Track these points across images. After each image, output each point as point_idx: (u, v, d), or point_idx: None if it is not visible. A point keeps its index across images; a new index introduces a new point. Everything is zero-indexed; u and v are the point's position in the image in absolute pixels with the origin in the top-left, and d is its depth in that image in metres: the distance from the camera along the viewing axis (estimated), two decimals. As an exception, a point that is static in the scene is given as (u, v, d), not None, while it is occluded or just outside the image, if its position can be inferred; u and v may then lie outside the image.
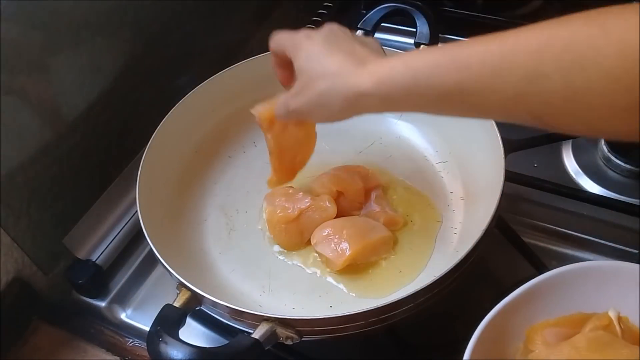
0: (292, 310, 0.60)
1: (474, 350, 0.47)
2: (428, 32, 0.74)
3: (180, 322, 0.54)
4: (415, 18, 0.75)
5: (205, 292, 0.54)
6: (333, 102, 0.47)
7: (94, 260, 0.68)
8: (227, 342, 0.54)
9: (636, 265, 0.50)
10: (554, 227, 0.68)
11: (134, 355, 0.64)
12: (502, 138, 0.60)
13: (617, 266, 0.52)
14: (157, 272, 0.70)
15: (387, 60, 0.45)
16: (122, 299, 0.68)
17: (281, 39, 0.54)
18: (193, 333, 0.63)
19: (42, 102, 0.63)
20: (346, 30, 0.52)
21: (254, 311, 0.52)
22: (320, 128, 0.76)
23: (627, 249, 0.65)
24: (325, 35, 0.51)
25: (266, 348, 0.51)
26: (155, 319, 0.53)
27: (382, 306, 0.51)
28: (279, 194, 0.67)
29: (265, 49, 0.74)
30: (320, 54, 0.49)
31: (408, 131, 0.74)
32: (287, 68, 0.56)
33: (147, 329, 0.53)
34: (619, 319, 0.49)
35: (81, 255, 0.68)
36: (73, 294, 0.69)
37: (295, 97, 0.51)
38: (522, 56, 0.38)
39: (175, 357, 0.49)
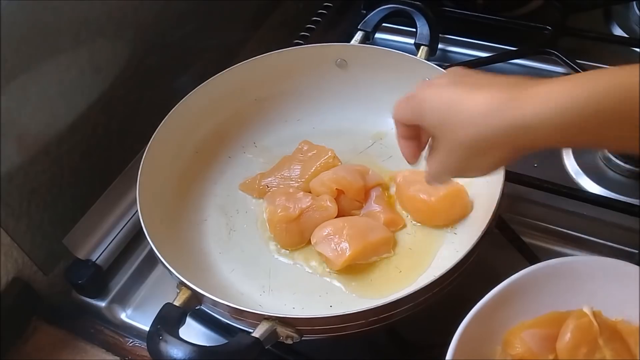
0: (292, 310, 0.60)
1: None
2: (428, 32, 0.75)
3: (181, 321, 0.54)
4: (415, 19, 0.76)
5: (206, 292, 0.54)
6: (491, 150, 0.39)
7: (94, 260, 0.68)
8: (227, 341, 0.54)
9: (602, 258, 0.51)
10: (554, 227, 0.68)
11: (134, 355, 0.64)
12: (502, 138, 0.60)
13: (586, 260, 0.52)
14: (157, 272, 0.70)
15: (559, 79, 0.37)
16: (122, 299, 0.68)
17: (401, 104, 0.46)
18: (193, 333, 0.63)
19: (42, 102, 0.63)
20: (470, 70, 0.44)
21: (254, 310, 0.52)
22: (320, 128, 0.77)
23: (627, 249, 0.65)
24: (449, 77, 0.42)
25: (266, 347, 0.51)
26: (155, 318, 0.53)
27: (382, 306, 0.51)
28: (279, 194, 0.67)
29: (265, 49, 0.75)
30: (454, 98, 0.40)
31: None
32: (412, 139, 0.49)
33: (147, 328, 0.53)
34: (594, 313, 0.49)
35: (81, 255, 0.68)
36: (73, 294, 0.69)
37: (439, 161, 0.43)
38: None
39: (175, 356, 0.49)
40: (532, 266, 0.52)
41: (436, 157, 0.44)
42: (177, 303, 0.55)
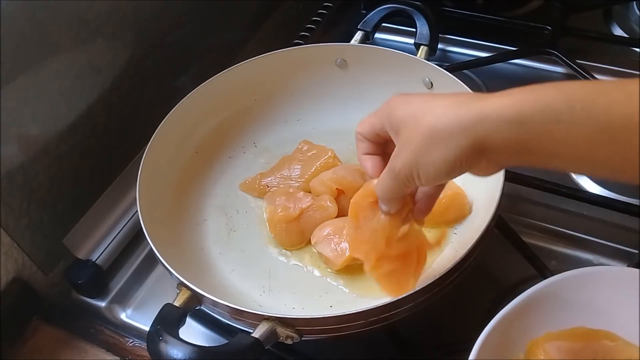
0: (292, 310, 0.60)
1: None
2: (428, 32, 0.75)
3: (181, 322, 0.54)
4: (415, 19, 0.75)
5: (206, 292, 0.54)
6: (446, 141, 0.39)
7: (94, 260, 0.68)
8: (227, 341, 0.54)
9: (636, 270, 0.50)
10: (554, 227, 0.68)
11: (134, 355, 0.64)
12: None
13: (618, 272, 0.51)
14: (157, 272, 0.70)
15: (524, 87, 0.38)
16: (122, 299, 0.68)
17: (368, 118, 0.49)
18: (193, 333, 0.63)
19: (42, 102, 0.63)
20: None
21: (254, 310, 0.52)
22: (320, 128, 0.77)
23: (627, 249, 0.65)
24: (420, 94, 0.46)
25: (266, 347, 0.51)
26: (155, 318, 0.53)
27: (382, 306, 0.51)
28: (279, 193, 0.67)
29: (265, 49, 0.75)
30: (424, 99, 0.42)
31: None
32: (377, 153, 0.50)
33: (147, 329, 0.53)
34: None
35: (81, 255, 0.68)
36: (73, 294, 0.69)
37: (398, 156, 0.43)
38: None
39: (175, 356, 0.49)
40: (563, 273, 0.51)
41: (392, 157, 0.44)
42: (177, 303, 0.55)
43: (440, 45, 0.79)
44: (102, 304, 0.68)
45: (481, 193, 0.63)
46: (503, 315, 0.49)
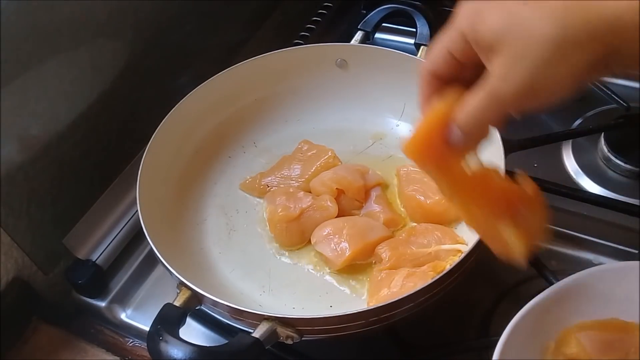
0: (292, 310, 0.60)
1: (503, 349, 0.46)
2: (428, 32, 0.75)
3: (181, 321, 0.54)
4: (415, 19, 0.76)
5: (206, 292, 0.54)
6: (573, 52, 0.33)
7: (94, 260, 0.68)
8: (227, 341, 0.54)
9: None
10: (554, 227, 0.68)
11: (134, 355, 0.64)
12: (502, 138, 0.60)
13: None
14: (157, 272, 0.70)
15: None
16: (122, 299, 0.68)
17: (438, 46, 0.39)
18: (193, 333, 0.63)
19: (42, 102, 0.63)
20: None
21: (254, 310, 0.52)
22: (320, 128, 0.77)
23: (627, 249, 0.65)
24: None
25: (266, 347, 0.51)
26: (155, 318, 0.53)
27: (382, 306, 0.51)
28: (279, 193, 0.67)
29: (266, 49, 0.75)
30: (523, 2, 0.34)
31: (408, 132, 0.74)
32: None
33: (147, 328, 0.53)
34: None
35: (81, 255, 0.68)
36: (73, 294, 0.69)
37: (505, 77, 0.35)
38: None
39: (175, 356, 0.49)
40: (598, 266, 0.51)
41: (489, 80, 0.36)
42: (177, 303, 0.55)
43: (440, 45, 0.78)
44: (102, 304, 0.68)
45: (481, 193, 0.63)
46: (537, 301, 0.48)
